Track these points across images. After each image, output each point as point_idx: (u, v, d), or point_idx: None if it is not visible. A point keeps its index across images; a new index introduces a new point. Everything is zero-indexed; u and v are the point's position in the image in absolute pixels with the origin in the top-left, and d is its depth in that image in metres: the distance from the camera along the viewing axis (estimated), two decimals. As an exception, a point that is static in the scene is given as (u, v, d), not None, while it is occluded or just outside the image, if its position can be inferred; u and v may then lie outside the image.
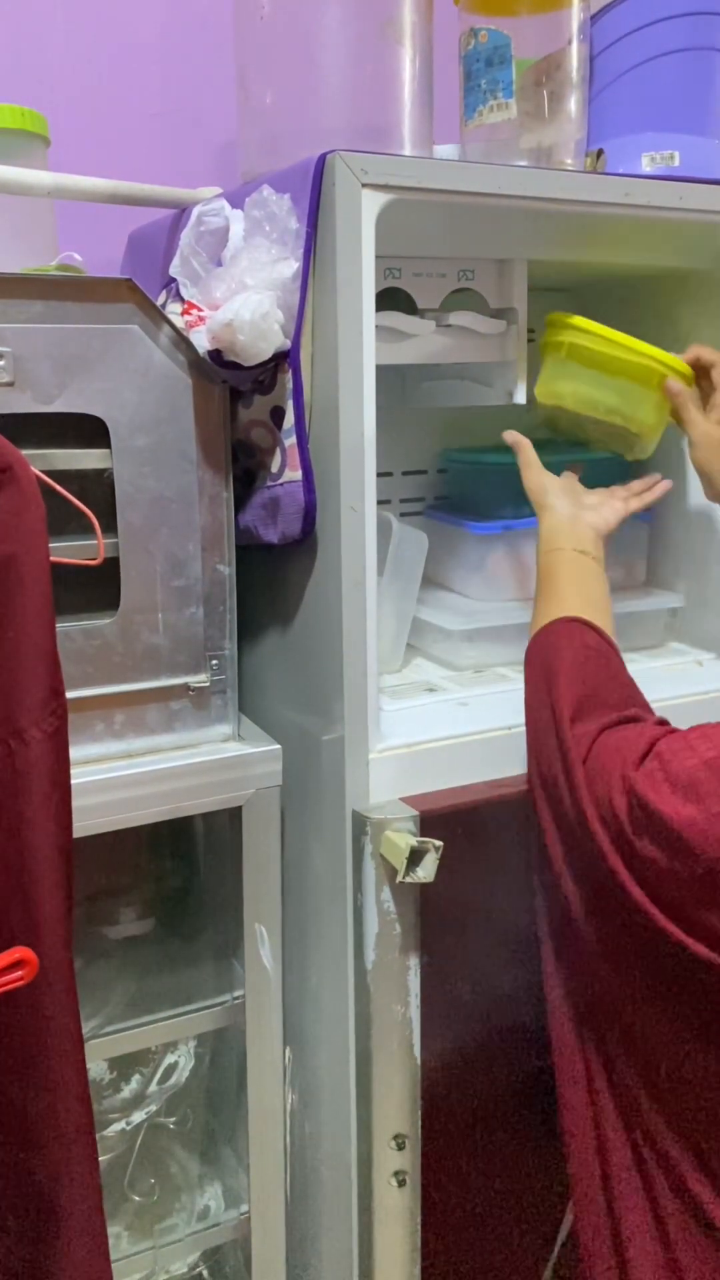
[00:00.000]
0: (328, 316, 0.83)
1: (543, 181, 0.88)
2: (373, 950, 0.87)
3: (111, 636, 0.87)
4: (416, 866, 0.83)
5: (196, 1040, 1.13)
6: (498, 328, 1.04)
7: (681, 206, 0.95)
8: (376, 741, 0.90)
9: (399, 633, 1.08)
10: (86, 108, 1.21)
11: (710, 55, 1.04)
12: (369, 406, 0.84)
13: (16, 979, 0.66)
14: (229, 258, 0.86)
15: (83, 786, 0.82)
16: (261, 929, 0.95)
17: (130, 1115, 1.08)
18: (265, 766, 0.92)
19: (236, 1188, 1.08)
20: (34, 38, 1.18)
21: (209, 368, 0.86)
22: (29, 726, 0.68)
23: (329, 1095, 0.96)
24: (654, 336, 1.02)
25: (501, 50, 0.94)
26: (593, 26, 1.05)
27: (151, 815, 0.89)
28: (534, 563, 0.96)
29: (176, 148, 1.26)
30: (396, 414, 1.19)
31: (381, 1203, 0.92)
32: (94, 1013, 0.97)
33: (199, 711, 0.92)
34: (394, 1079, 0.90)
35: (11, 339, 0.80)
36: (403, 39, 0.92)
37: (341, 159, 0.79)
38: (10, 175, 0.89)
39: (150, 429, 0.86)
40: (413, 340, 1.00)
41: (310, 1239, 1.04)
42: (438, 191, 0.84)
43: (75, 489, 0.81)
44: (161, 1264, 1.05)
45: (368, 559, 0.86)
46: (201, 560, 0.89)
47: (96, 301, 0.82)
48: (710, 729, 0.72)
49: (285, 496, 0.88)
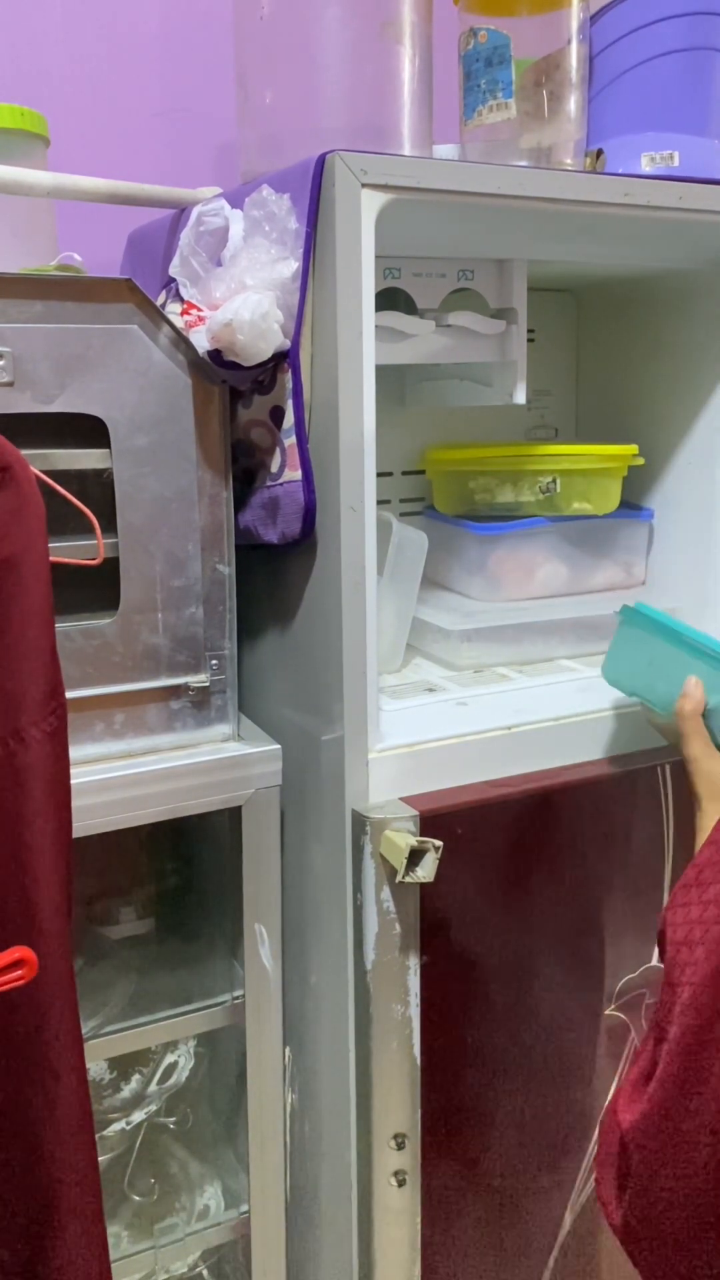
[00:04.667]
0: (327, 316, 0.83)
1: (542, 181, 0.88)
2: (373, 950, 0.87)
3: (111, 636, 0.87)
4: (416, 866, 0.83)
5: (196, 1040, 1.13)
6: (498, 328, 1.04)
7: (681, 206, 0.95)
8: (376, 741, 0.90)
9: (399, 633, 1.08)
10: (86, 108, 1.21)
11: (710, 55, 1.04)
12: (369, 406, 0.84)
13: (16, 979, 0.66)
14: (229, 258, 0.86)
15: (83, 786, 0.82)
16: (261, 929, 0.95)
17: (130, 1115, 1.08)
18: (265, 766, 0.92)
19: (236, 1188, 1.08)
20: (34, 38, 1.18)
21: (209, 368, 0.86)
22: (29, 726, 0.68)
23: (329, 1095, 0.96)
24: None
25: (501, 50, 0.94)
26: (593, 26, 1.05)
27: (151, 815, 0.89)
28: (533, 562, 0.96)
29: (176, 148, 1.26)
30: (396, 414, 1.19)
31: (381, 1203, 0.92)
32: (94, 1013, 0.97)
33: (199, 711, 0.92)
34: (394, 1079, 0.90)
35: (11, 339, 0.80)
36: (403, 39, 0.92)
37: (341, 159, 0.79)
38: (10, 175, 0.89)
39: (150, 429, 0.86)
40: (412, 340, 1.00)
41: (310, 1239, 1.04)
42: (437, 191, 0.84)
43: (75, 489, 0.81)
44: (161, 1264, 1.05)
45: (368, 559, 0.86)
46: (201, 560, 0.89)
47: (96, 301, 0.82)
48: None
49: (285, 496, 0.88)
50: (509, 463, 1.12)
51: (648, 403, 1.23)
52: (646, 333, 1.12)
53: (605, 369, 1.30)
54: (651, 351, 1.21)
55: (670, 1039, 0.55)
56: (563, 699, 1.02)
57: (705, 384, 1.15)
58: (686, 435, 1.17)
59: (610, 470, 1.13)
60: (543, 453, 1.12)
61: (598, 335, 1.31)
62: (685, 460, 1.17)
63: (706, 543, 1.17)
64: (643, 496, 1.22)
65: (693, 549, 1.19)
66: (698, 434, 1.15)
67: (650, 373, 1.22)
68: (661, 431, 1.19)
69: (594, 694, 1.02)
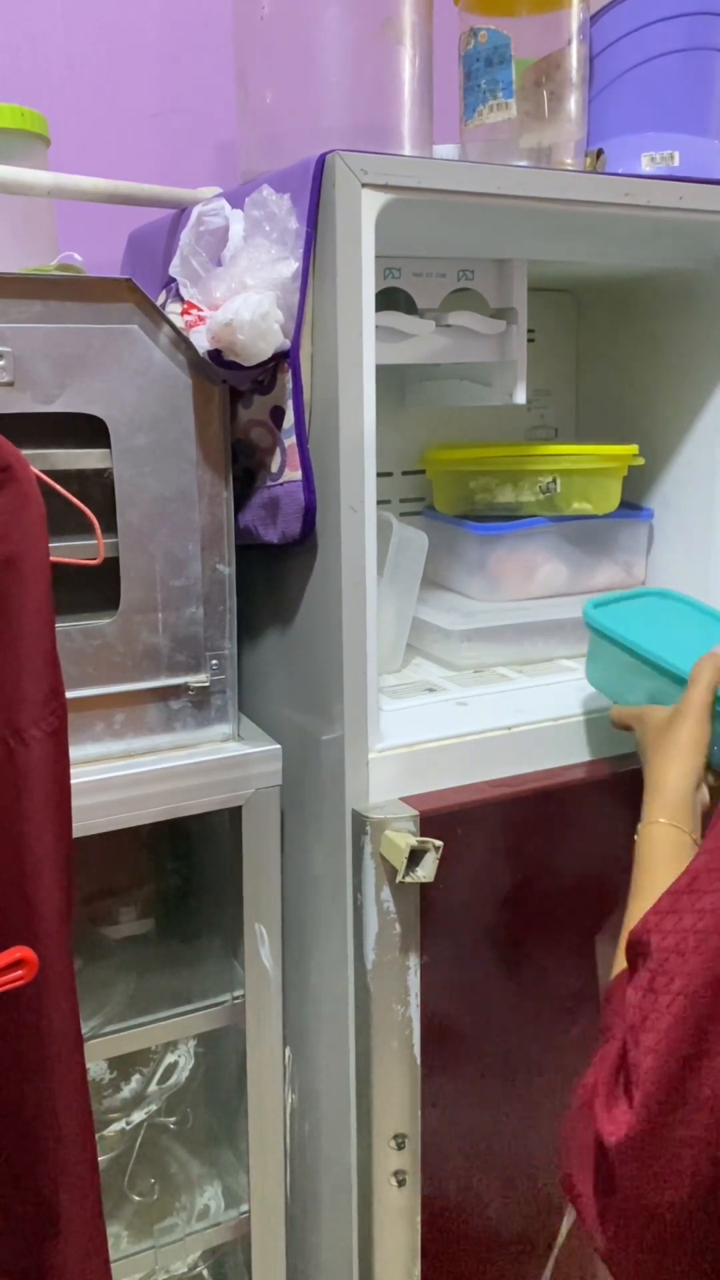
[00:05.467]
0: (327, 316, 0.82)
1: (542, 181, 0.88)
2: (373, 950, 0.87)
3: (111, 636, 0.87)
4: (416, 866, 0.83)
5: (196, 1040, 1.13)
6: (497, 328, 1.04)
7: (681, 206, 0.95)
8: (376, 741, 0.90)
9: (399, 633, 1.08)
10: (86, 108, 1.21)
11: (710, 55, 1.04)
12: (369, 406, 0.84)
13: (16, 978, 0.66)
14: (229, 258, 0.86)
15: (83, 786, 0.82)
16: (261, 929, 0.95)
17: (130, 1115, 1.08)
18: (265, 766, 0.92)
19: (236, 1188, 1.08)
20: (34, 38, 1.18)
21: (209, 368, 0.86)
22: (29, 726, 0.68)
23: (329, 1095, 0.96)
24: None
25: (501, 50, 0.94)
26: (593, 26, 1.05)
27: (151, 815, 0.89)
28: (534, 562, 0.96)
29: (176, 148, 1.26)
30: (396, 414, 1.19)
31: (381, 1203, 0.92)
32: (94, 1013, 0.97)
33: (199, 711, 0.92)
34: (394, 1079, 0.90)
35: (11, 339, 0.80)
36: (403, 39, 0.92)
37: (341, 159, 0.79)
38: (10, 175, 0.89)
39: (150, 429, 0.86)
40: (412, 340, 1.00)
41: (310, 1239, 1.04)
42: (437, 191, 0.84)
43: (75, 489, 0.81)
44: (161, 1264, 1.05)
45: (368, 559, 0.86)
46: (201, 560, 0.89)
47: (96, 301, 0.82)
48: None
49: (285, 496, 0.88)
50: (509, 463, 1.12)
51: (648, 403, 1.23)
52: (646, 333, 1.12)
53: (605, 369, 1.30)
54: (651, 351, 1.21)
55: (660, 1050, 0.55)
56: (563, 699, 1.02)
57: (705, 384, 1.15)
58: (686, 435, 1.17)
59: (610, 470, 1.13)
60: (543, 453, 1.12)
61: (598, 335, 1.31)
62: (685, 460, 1.17)
63: (706, 543, 1.17)
64: (643, 496, 1.22)
65: (693, 549, 1.19)
66: (698, 434, 1.15)
67: (650, 373, 1.22)
68: (661, 431, 1.19)
69: (594, 694, 1.02)
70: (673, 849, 0.78)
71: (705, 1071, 0.53)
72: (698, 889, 0.58)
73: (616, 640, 0.93)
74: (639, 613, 0.99)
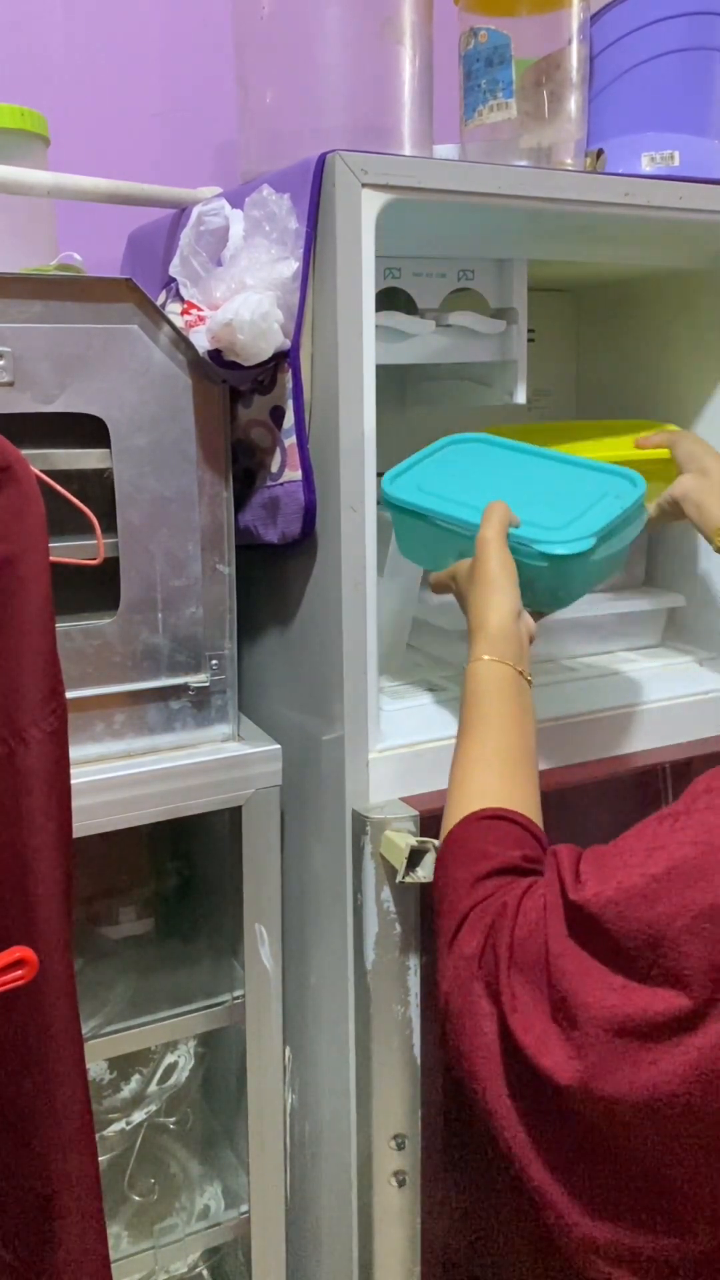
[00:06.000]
0: (327, 316, 0.83)
1: (542, 181, 0.88)
2: (373, 950, 0.87)
3: (111, 636, 0.87)
4: (416, 866, 0.83)
5: (196, 1040, 1.13)
6: (498, 328, 1.04)
7: (681, 206, 0.95)
8: (376, 741, 0.90)
9: (399, 633, 1.08)
10: (86, 108, 1.21)
11: (710, 55, 1.04)
12: (369, 406, 0.84)
13: (16, 978, 0.66)
14: (229, 258, 0.86)
15: (83, 786, 0.82)
16: (261, 929, 0.95)
17: (130, 1115, 1.08)
18: (265, 766, 0.92)
19: (236, 1188, 1.08)
20: (34, 38, 1.18)
21: (209, 367, 0.86)
22: (29, 726, 0.68)
23: (329, 1095, 0.96)
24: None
25: (501, 50, 0.94)
26: (593, 26, 1.05)
27: (151, 815, 0.89)
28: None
29: (176, 148, 1.26)
30: (396, 414, 1.19)
31: (381, 1203, 0.92)
32: (94, 1013, 0.97)
33: (199, 711, 0.92)
34: (394, 1079, 0.90)
35: (11, 339, 0.80)
36: (403, 39, 0.92)
37: (341, 159, 0.79)
38: (10, 175, 0.89)
39: (150, 429, 0.86)
40: (412, 340, 1.00)
41: (310, 1239, 1.04)
42: (437, 191, 0.84)
43: (75, 489, 0.81)
44: (161, 1264, 1.05)
45: (368, 559, 0.86)
46: (201, 560, 0.89)
47: (96, 301, 0.82)
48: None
49: (285, 496, 0.88)
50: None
51: (647, 402, 1.23)
52: (646, 333, 1.12)
53: (605, 369, 1.30)
54: (651, 351, 1.22)
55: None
56: (563, 699, 1.02)
57: (706, 383, 1.15)
58: (686, 435, 1.17)
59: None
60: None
61: (598, 335, 1.31)
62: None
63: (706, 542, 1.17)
64: (643, 496, 1.22)
65: (693, 549, 1.19)
66: (698, 433, 1.15)
67: (650, 373, 1.22)
68: (661, 431, 1.19)
69: (595, 693, 1.02)
70: (497, 684, 0.78)
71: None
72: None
73: (413, 509, 0.90)
74: (437, 471, 0.95)
